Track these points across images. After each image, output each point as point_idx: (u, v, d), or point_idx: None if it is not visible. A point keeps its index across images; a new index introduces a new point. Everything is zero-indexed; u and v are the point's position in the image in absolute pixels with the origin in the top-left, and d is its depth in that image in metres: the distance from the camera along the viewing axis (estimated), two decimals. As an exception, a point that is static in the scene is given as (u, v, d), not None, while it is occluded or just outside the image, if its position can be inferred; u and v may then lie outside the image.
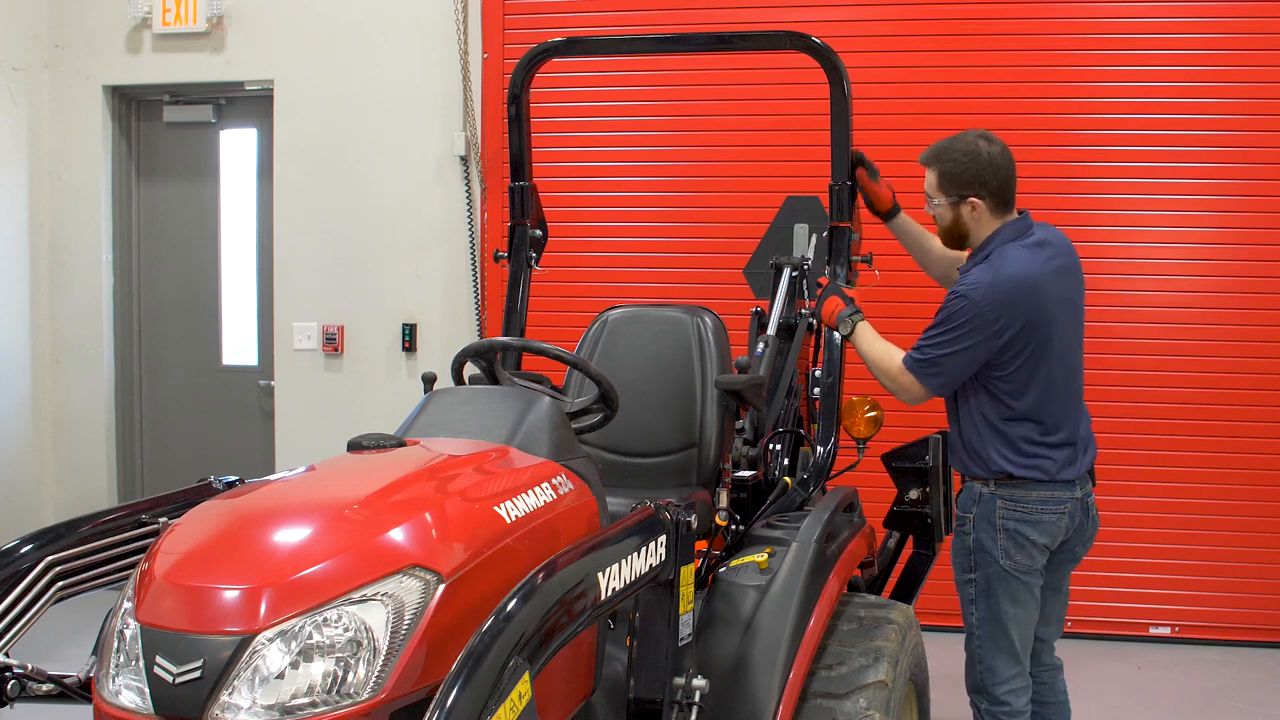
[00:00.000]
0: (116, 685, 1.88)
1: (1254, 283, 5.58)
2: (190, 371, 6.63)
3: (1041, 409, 3.20)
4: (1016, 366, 3.16)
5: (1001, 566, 3.23)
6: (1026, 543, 3.22)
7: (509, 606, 1.75)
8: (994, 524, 3.23)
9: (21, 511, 6.22)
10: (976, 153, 3.23)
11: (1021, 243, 3.22)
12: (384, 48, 6.19)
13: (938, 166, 3.28)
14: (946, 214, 3.29)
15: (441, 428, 2.59)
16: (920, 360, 3.21)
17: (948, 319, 3.15)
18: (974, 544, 3.27)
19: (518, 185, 3.92)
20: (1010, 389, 3.19)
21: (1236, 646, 5.56)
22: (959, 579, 3.36)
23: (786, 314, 3.79)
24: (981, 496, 3.26)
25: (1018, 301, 3.12)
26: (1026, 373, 3.17)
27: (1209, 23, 5.56)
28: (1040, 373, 3.18)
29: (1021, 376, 3.17)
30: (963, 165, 3.23)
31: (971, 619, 3.33)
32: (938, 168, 3.27)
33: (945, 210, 3.28)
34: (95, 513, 2.53)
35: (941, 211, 3.30)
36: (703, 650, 2.63)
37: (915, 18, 5.74)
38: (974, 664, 3.35)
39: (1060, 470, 3.21)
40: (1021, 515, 3.21)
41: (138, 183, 6.65)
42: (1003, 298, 3.11)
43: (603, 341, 3.62)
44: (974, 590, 3.30)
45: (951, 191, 3.25)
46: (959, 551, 3.34)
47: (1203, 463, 5.60)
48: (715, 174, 5.93)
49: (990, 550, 3.24)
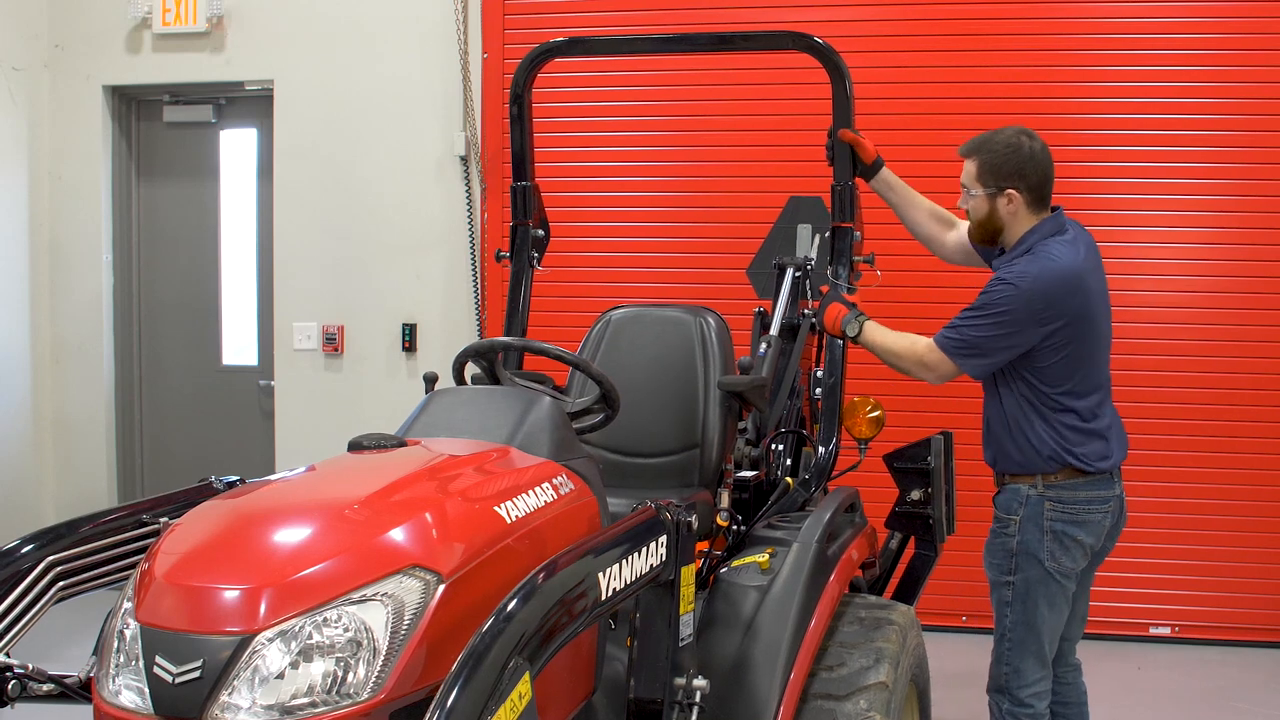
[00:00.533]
0: (116, 685, 1.87)
1: (1254, 283, 5.57)
2: (190, 371, 6.63)
3: (1084, 399, 3.24)
4: (1061, 358, 3.19)
5: (1045, 569, 3.23)
6: (1073, 544, 3.24)
7: (509, 606, 1.75)
8: (1041, 526, 3.23)
9: (21, 511, 6.22)
10: (1018, 146, 3.24)
11: (1059, 239, 3.24)
12: (384, 48, 6.19)
13: (978, 158, 3.28)
14: (983, 206, 3.29)
15: (442, 428, 2.59)
16: (956, 341, 3.22)
17: (991, 304, 3.16)
18: (1018, 546, 3.26)
19: (520, 185, 3.91)
20: (1055, 380, 3.21)
21: (1236, 646, 5.56)
22: (995, 580, 3.34)
23: (789, 314, 3.79)
24: (1028, 499, 3.25)
25: (1064, 296, 3.14)
26: (1071, 364, 3.20)
27: (1209, 23, 5.56)
28: (1084, 364, 3.22)
29: (1066, 368, 3.20)
30: (1003, 157, 3.24)
31: (1005, 621, 3.31)
32: (978, 159, 3.28)
33: (982, 202, 3.29)
34: (95, 513, 2.52)
35: (978, 203, 3.30)
36: (703, 651, 2.62)
37: (916, 18, 5.74)
38: (1000, 664, 3.34)
39: (1100, 460, 3.24)
40: (1070, 517, 3.23)
41: (138, 183, 6.65)
42: (1049, 290, 3.13)
43: (605, 342, 3.61)
44: (1011, 593, 3.28)
45: (990, 183, 3.26)
46: (998, 553, 3.32)
47: (1203, 463, 5.60)
48: (718, 174, 5.92)
49: (1035, 553, 3.24)
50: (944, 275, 5.65)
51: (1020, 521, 3.26)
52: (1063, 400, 3.22)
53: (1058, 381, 3.20)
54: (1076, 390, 3.23)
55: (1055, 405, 3.22)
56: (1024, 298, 3.11)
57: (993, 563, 3.35)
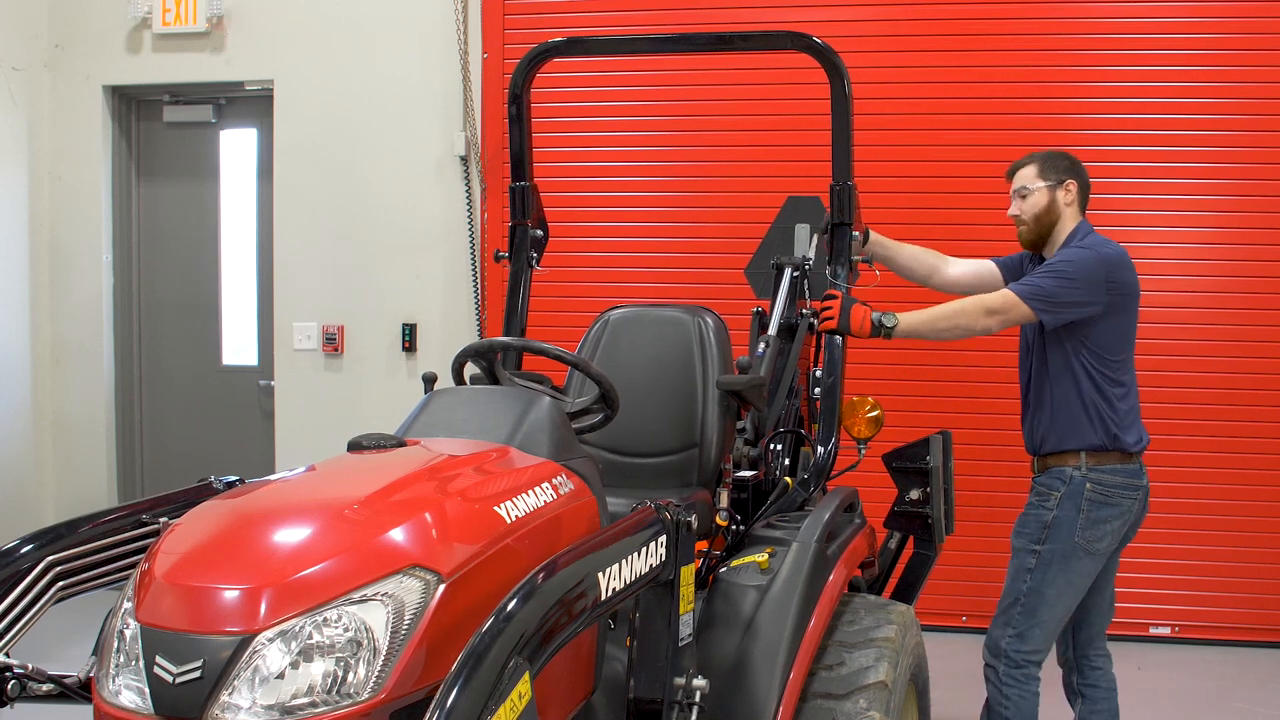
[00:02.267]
0: (116, 685, 1.87)
1: (1254, 283, 5.58)
2: (190, 371, 6.63)
3: (1130, 373, 3.53)
4: (1118, 324, 3.46)
5: (1074, 543, 3.44)
6: (1105, 525, 3.45)
7: (509, 606, 1.75)
8: (1078, 504, 3.45)
9: (21, 511, 6.22)
10: (1067, 154, 3.67)
11: (1101, 237, 3.57)
12: (384, 48, 6.19)
13: (1035, 162, 3.61)
14: (1043, 198, 3.56)
15: (442, 428, 2.59)
16: (1032, 288, 3.42)
17: (1066, 265, 3.42)
18: (1053, 520, 3.47)
19: (519, 185, 3.92)
20: (1113, 349, 3.47)
21: (1236, 646, 5.57)
22: (1020, 547, 3.53)
23: (787, 314, 3.79)
24: (1071, 479, 3.47)
25: (1122, 270, 3.46)
26: (1124, 335, 3.50)
27: (1209, 23, 5.56)
28: (1130, 339, 3.54)
29: (1121, 337, 3.49)
30: (1058, 157, 3.63)
31: (1022, 586, 3.49)
32: (1036, 163, 3.61)
33: (1043, 194, 3.56)
34: (95, 513, 2.52)
35: (1037, 197, 3.56)
36: (703, 650, 2.62)
37: (915, 18, 5.74)
38: (1005, 628, 3.50)
39: (1136, 443, 3.51)
40: (1105, 498, 3.46)
41: (138, 183, 6.65)
42: (1112, 262, 3.44)
43: (604, 342, 3.61)
44: (1035, 561, 3.48)
45: (1051, 175, 3.57)
46: (1031, 524, 3.52)
47: (1203, 463, 5.60)
48: (716, 174, 5.93)
49: (1069, 527, 3.44)
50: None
51: (1060, 498, 3.47)
52: (1116, 373, 3.46)
53: (1115, 350, 3.46)
54: (1126, 363, 3.51)
55: (1109, 378, 3.45)
56: (1096, 262, 3.41)
57: (1022, 532, 3.54)
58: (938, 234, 5.56)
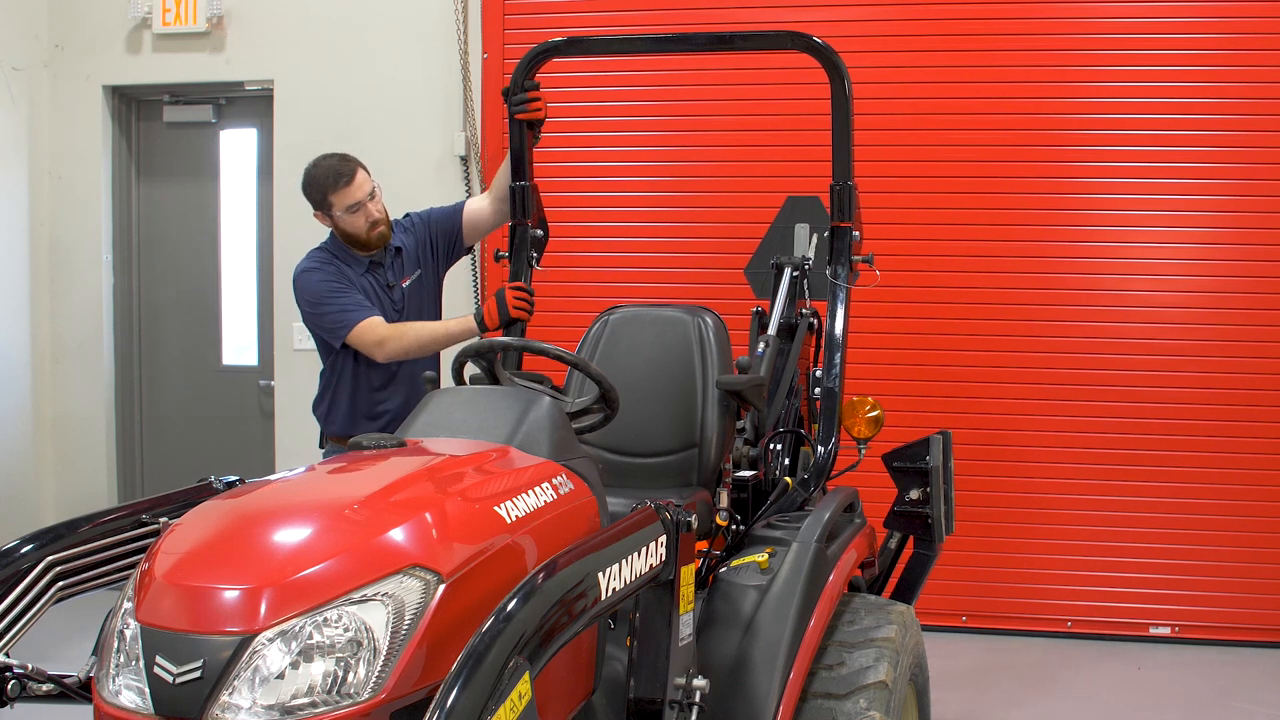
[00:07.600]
0: (116, 685, 1.87)
1: (1254, 283, 5.57)
2: (190, 371, 6.63)
3: None
4: None
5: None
6: None
7: (509, 606, 1.75)
8: None
9: (21, 511, 6.22)
10: None
11: None
12: (384, 48, 6.19)
13: None
14: None
15: (442, 428, 2.59)
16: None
17: None
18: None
19: (518, 185, 3.92)
20: None
21: (1236, 646, 5.56)
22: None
23: (787, 314, 3.79)
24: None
25: None
26: None
27: (1209, 23, 5.55)
28: None
29: None
30: None
31: None
32: None
33: None
34: (95, 513, 2.52)
35: None
36: (703, 650, 2.63)
37: (915, 18, 5.74)
38: None
39: None
40: None
41: (138, 183, 6.65)
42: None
43: (603, 342, 3.61)
44: None
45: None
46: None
47: (1203, 463, 5.59)
48: (716, 174, 5.92)
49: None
50: (944, 275, 5.68)
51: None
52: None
53: None
54: None
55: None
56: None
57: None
58: (938, 234, 5.59)
